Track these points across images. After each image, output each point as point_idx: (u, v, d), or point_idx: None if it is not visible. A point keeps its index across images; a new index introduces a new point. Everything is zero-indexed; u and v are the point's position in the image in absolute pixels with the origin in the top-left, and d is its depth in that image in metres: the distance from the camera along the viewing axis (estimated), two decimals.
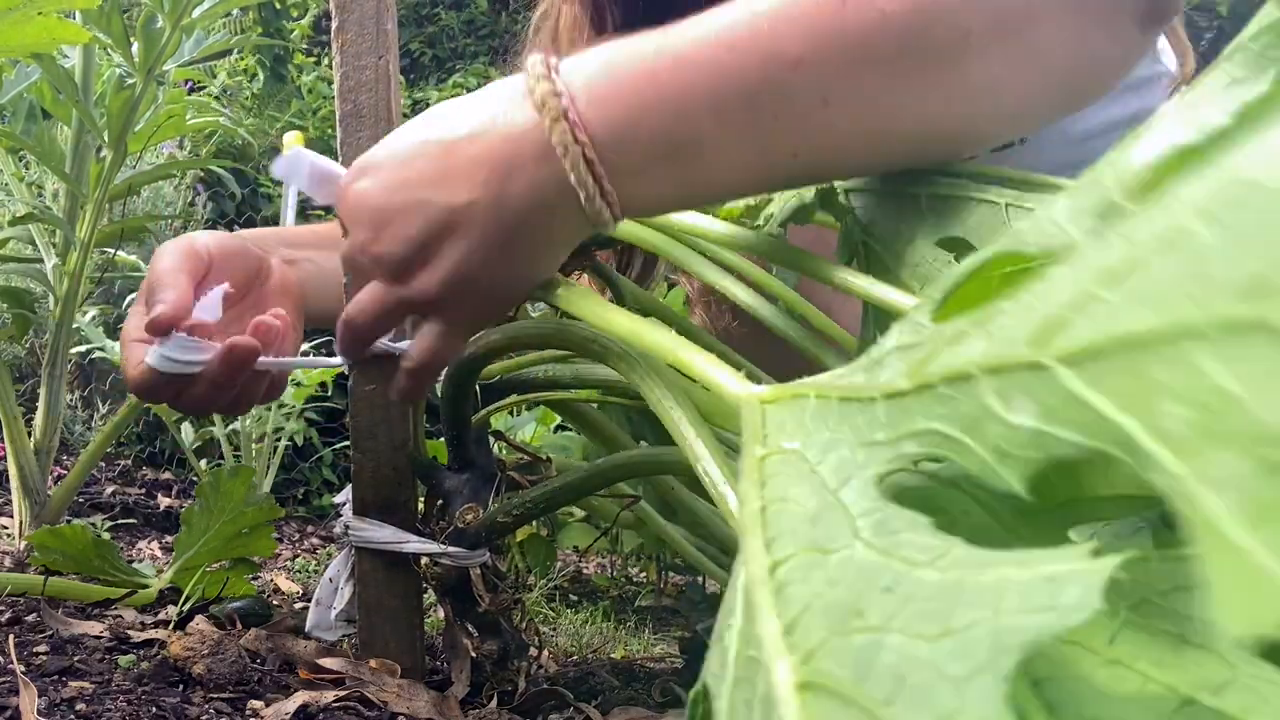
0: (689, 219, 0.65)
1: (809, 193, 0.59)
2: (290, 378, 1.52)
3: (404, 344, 0.69)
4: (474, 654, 0.70)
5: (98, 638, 0.70)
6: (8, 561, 0.91)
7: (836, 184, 0.59)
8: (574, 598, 1.34)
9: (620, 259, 1.00)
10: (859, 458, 0.23)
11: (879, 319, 0.52)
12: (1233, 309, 0.13)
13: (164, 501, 1.51)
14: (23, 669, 0.59)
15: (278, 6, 4.40)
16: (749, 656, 0.21)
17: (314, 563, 1.29)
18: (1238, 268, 0.13)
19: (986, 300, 0.23)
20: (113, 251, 1.20)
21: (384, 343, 0.68)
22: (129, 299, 1.55)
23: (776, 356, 0.68)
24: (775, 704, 0.18)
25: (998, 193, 0.49)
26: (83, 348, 1.37)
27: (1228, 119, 0.19)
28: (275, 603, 0.95)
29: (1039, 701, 0.19)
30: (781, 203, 0.61)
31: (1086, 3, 0.50)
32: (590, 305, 0.51)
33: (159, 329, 0.58)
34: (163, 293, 0.59)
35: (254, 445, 1.44)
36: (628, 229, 0.66)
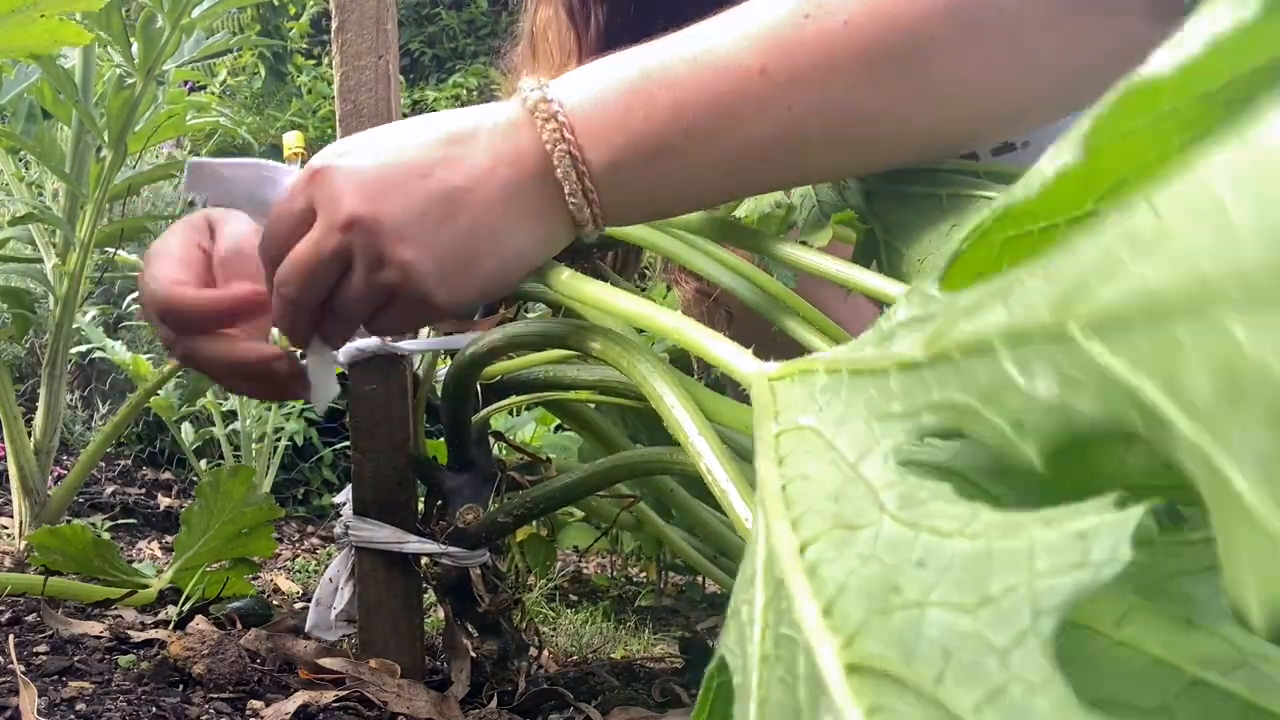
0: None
1: (825, 192, 0.60)
2: None
3: (405, 344, 0.69)
4: (474, 654, 0.70)
5: (98, 638, 0.70)
6: (8, 561, 0.91)
7: (855, 185, 0.59)
8: (574, 598, 1.33)
9: (614, 260, 1.00)
10: (875, 430, 0.23)
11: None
12: (1263, 278, 0.12)
13: (164, 501, 1.51)
14: (23, 669, 0.59)
15: (275, 4, 4.40)
16: (784, 635, 0.21)
17: (314, 563, 1.29)
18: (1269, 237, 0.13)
19: (998, 269, 0.22)
20: (113, 251, 1.20)
21: (384, 343, 0.68)
22: (129, 299, 1.55)
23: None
24: (826, 687, 0.18)
25: None
26: (83, 348, 1.37)
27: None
28: (275, 603, 0.94)
29: None
30: (803, 214, 0.62)
31: (1086, 2, 0.49)
32: (590, 290, 0.52)
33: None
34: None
35: (254, 445, 1.44)
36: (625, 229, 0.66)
